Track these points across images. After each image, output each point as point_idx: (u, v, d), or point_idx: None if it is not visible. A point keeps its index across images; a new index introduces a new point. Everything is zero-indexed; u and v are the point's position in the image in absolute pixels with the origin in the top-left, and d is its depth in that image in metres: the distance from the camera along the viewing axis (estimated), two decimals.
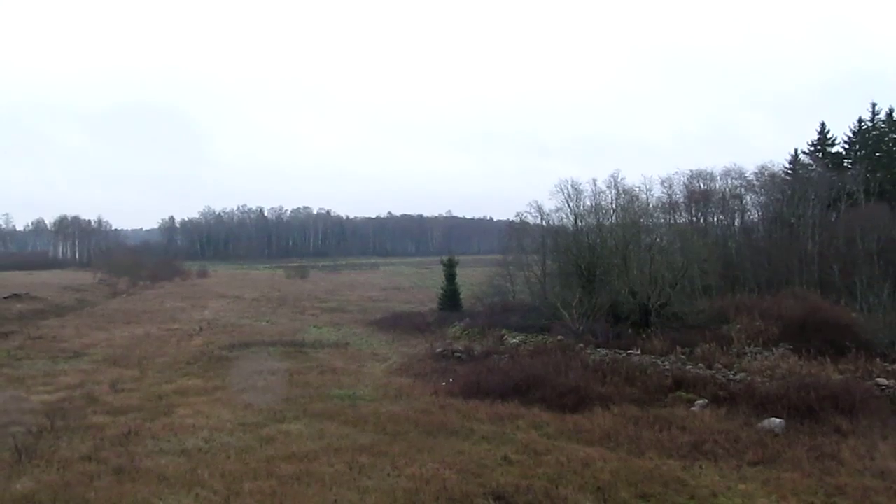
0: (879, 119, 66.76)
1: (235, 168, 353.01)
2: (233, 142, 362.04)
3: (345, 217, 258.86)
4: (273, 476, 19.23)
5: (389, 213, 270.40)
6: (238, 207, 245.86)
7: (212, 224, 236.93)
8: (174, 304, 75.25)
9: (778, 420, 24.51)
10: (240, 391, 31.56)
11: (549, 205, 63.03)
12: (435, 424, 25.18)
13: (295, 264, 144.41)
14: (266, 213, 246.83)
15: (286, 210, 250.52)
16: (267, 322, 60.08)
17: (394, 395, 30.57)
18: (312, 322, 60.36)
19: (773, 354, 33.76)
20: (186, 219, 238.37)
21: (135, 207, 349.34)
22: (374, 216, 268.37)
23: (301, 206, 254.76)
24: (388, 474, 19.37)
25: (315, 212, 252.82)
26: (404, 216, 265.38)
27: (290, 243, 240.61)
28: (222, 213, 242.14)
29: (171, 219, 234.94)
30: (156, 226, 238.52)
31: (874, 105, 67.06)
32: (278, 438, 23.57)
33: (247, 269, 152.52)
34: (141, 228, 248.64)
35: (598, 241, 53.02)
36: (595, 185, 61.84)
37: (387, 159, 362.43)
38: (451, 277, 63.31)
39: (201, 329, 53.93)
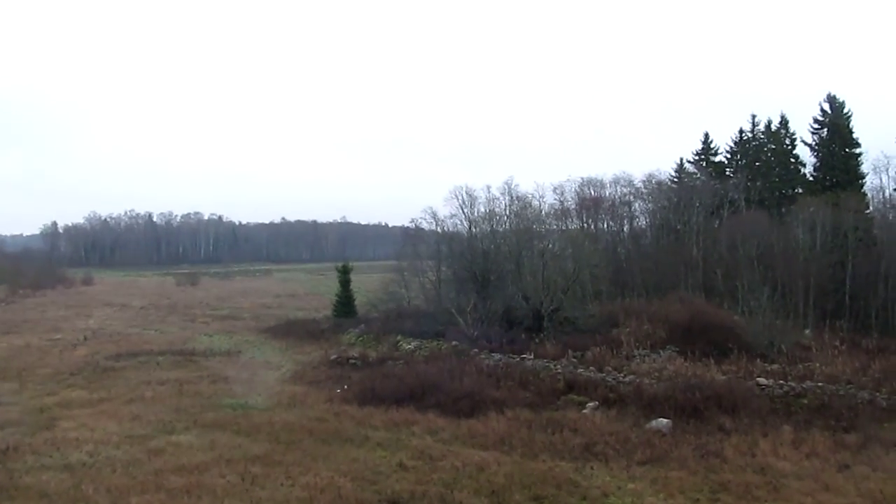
0: (759, 130, 69.88)
1: (121, 171, 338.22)
2: (116, 142, 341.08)
3: (237, 223, 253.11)
4: (162, 489, 18.46)
5: (283, 218, 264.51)
6: (125, 212, 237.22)
7: (97, 230, 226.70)
8: (57, 313, 71.72)
9: (665, 420, 25.23)
10: (127, 402, 30.23)
11: (443, 211, 63.35)
12: (329, 432, 24.82)
13: (185, 271, 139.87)
14: (155, 219, 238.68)
15: (176, 215, 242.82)
16: (156, 331, 57.91)
17: (287, 404, 29.92)
18: (203, 330, 58.51)
19: (660, 357, 34.83)
20: (70, 224, 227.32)
21: (13, 212, 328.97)
22: (267, 222, 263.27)
23: (192, 211, 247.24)
24: (282, 484, 18.94)
25: (206, 217, 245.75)
26: (298, 222, 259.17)
27: (181, 250, 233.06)
28: (108, 219, 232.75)
29: (54, 224, 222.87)
30: (37, 231, 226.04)
31: (754, 117, 70.23)
32: (167, 450, 22.64)
33: (135, 277, 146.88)
34: (21, 234, 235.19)
35: (492, 247, 53.74)
36: (489, 191, 63.27)
37: (280, 164, 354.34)
38: (345, 284, 62.68)
39: (86, 338, 51.50)
